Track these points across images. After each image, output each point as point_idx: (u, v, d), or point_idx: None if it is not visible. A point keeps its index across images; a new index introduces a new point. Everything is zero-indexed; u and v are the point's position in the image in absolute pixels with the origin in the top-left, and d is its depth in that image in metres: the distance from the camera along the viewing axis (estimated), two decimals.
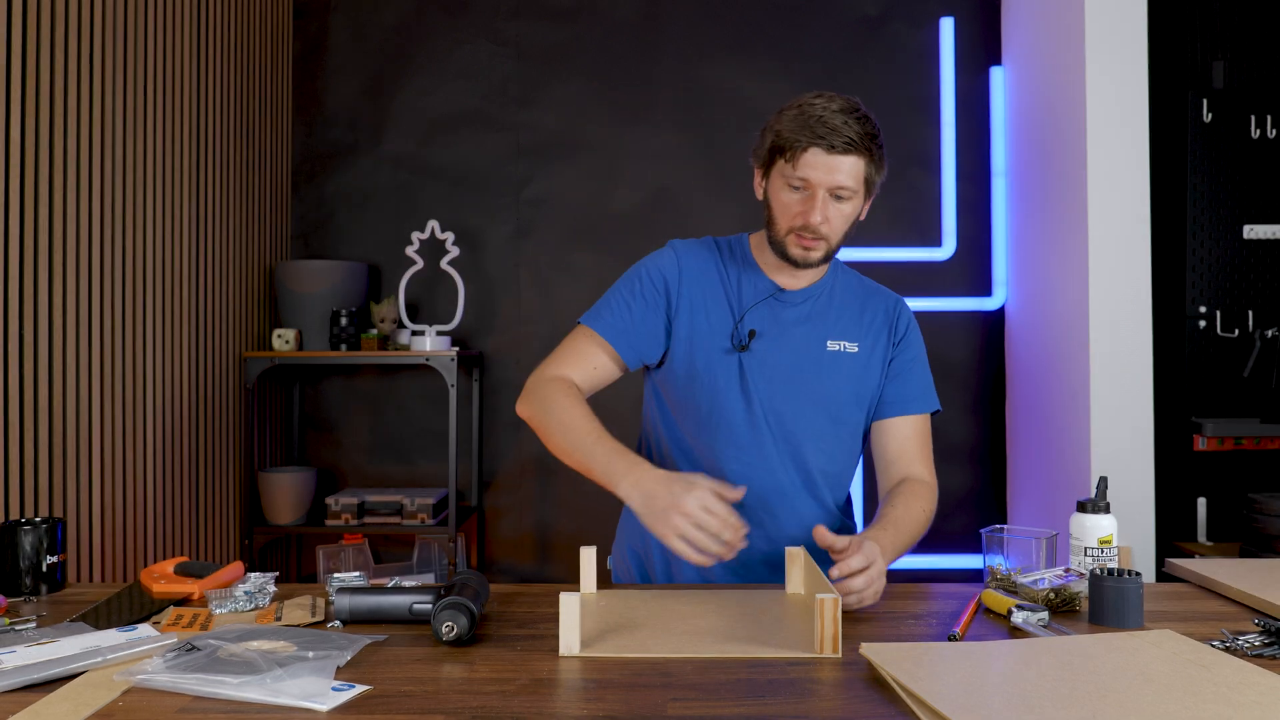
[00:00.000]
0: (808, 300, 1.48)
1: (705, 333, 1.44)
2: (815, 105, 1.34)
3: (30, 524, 1.29)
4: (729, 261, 1.49)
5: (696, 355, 1.44)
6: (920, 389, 1.51)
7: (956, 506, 3.07)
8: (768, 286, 1.47)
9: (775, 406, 1.43)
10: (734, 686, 0.93)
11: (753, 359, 1.43)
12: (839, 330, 1.47)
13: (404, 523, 2.80)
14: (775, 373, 1.43)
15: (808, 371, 1.44)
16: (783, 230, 1.39)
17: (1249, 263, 2.52)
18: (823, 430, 1.46)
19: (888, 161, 1.40)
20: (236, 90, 2.75)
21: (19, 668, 0.95)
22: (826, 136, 1.31)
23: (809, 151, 1.32)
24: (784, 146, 1.34)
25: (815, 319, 1.47)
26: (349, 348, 2.79)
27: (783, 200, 1.37)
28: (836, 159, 1.32)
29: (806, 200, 1.35)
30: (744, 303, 1.45)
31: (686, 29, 3.10)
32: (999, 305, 3.05)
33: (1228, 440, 2.46)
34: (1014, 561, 1.29)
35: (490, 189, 3.12)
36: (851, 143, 1.32)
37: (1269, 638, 1.05)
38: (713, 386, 1.43)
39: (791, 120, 1.34)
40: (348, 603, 1.13)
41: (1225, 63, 2.59)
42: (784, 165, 1.35)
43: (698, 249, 1.50)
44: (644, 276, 1.47)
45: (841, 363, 1.46)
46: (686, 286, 1.46)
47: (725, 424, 1.43)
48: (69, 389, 1.97)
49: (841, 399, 1.46)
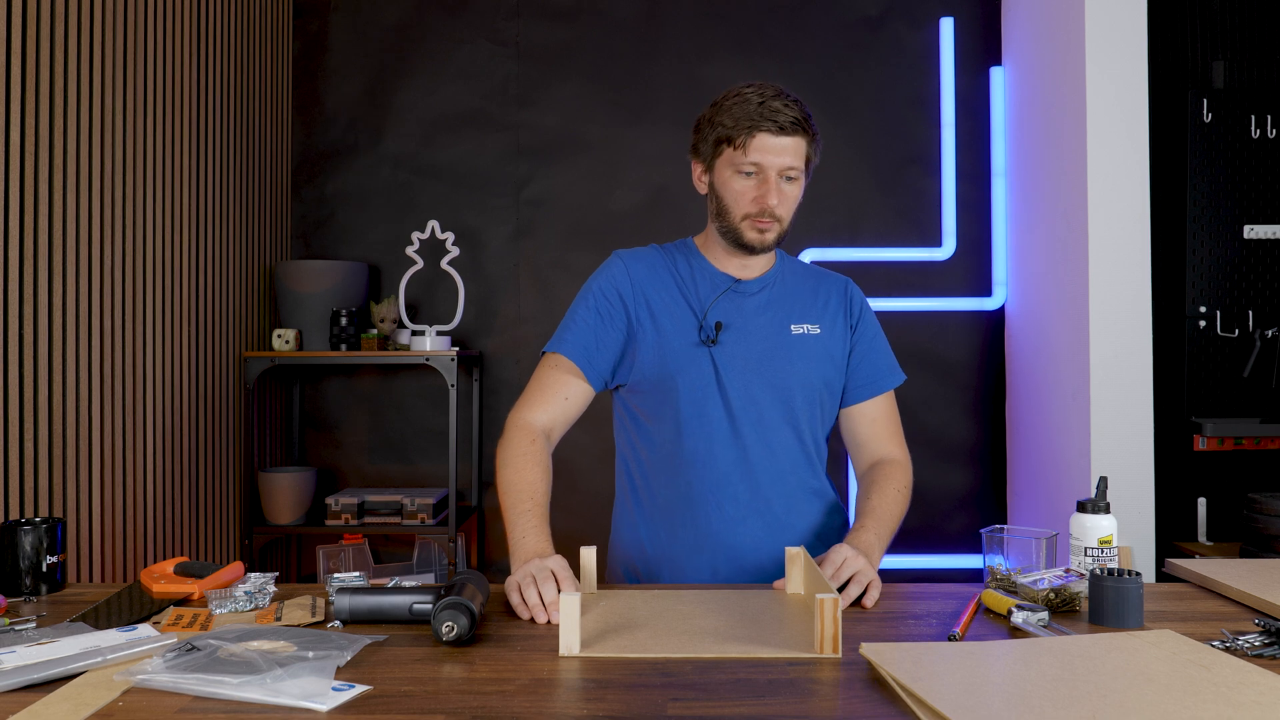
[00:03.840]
0: (764, 288, 1.50)
1: (671, 333, 1.45)
2: (751, 94, 1.38)
3: (30, 524, 1.29)
4: (679, 260, 1.52)
5: (667, 358, 1.45)
6: (884, 367, 1.55)
7: (956, 506, 3.07)
8: (724, 279, 1.49)
9: (752, 396, 1.45)
10: (734, 686, 0.93)
11: (723, 352, 1.45)
12: (799, 314, 1.50)
13: (404, 523, 2.80)
14: (746, 363, 1.45)
15: (778, 357, 1.46)
16: (737, 217, 1.42)
17: (1249, 263, 2.52)
18: (798, 413, 1.48)
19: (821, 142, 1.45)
20: (236, 90, 2.75)
21: (19, 668, 0.95)
22: (774, 119, 1.36)
23: (758, 136, 1.37)
24: (732, 136, 1.38)
25: (775, 305, 1.50)
26: (349, 348, 2.79)
27: (734, 188, 1.41)
28: (784, 140, 1.38)
29: (760, 184, 1.39)
30: (703, 297, 1.48)
31: (686, 29, 3.10)
32: (999, 305, 3.05)
33: (1228, 440, 2.47)
34: (1014, 561, 1.29)
35: (490, 189, 3.12)
36: (796, 123, 1.38)
37: (1269, 638, 1.05)
38: (688, 386, 1.44)
39: (734, 110, 1.38)
40: (348, 603, 1.13)
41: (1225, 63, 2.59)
42: (733, 153, 1.39)
43: (644, 254, 1.52)
44: (598, 293, 1.48)
45: (808, 344, 1.49)
46: (642, 293, 1.47)
47: (705, 422, 1.44)
48: (69, 389, 1.97)
49: (813, 380, 1.48)
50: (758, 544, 1.45)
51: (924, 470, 3.08)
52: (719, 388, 1.44)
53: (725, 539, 1.44)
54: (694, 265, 1.51)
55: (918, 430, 3.07)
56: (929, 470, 3.07)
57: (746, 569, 1.45)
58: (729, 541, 1.44)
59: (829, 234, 3.07)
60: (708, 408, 1.44)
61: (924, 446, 3.07)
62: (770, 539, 1.45)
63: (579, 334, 1.46)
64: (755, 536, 1.44)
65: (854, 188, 3.08)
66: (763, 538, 1.45)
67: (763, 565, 1.45)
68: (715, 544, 1.44)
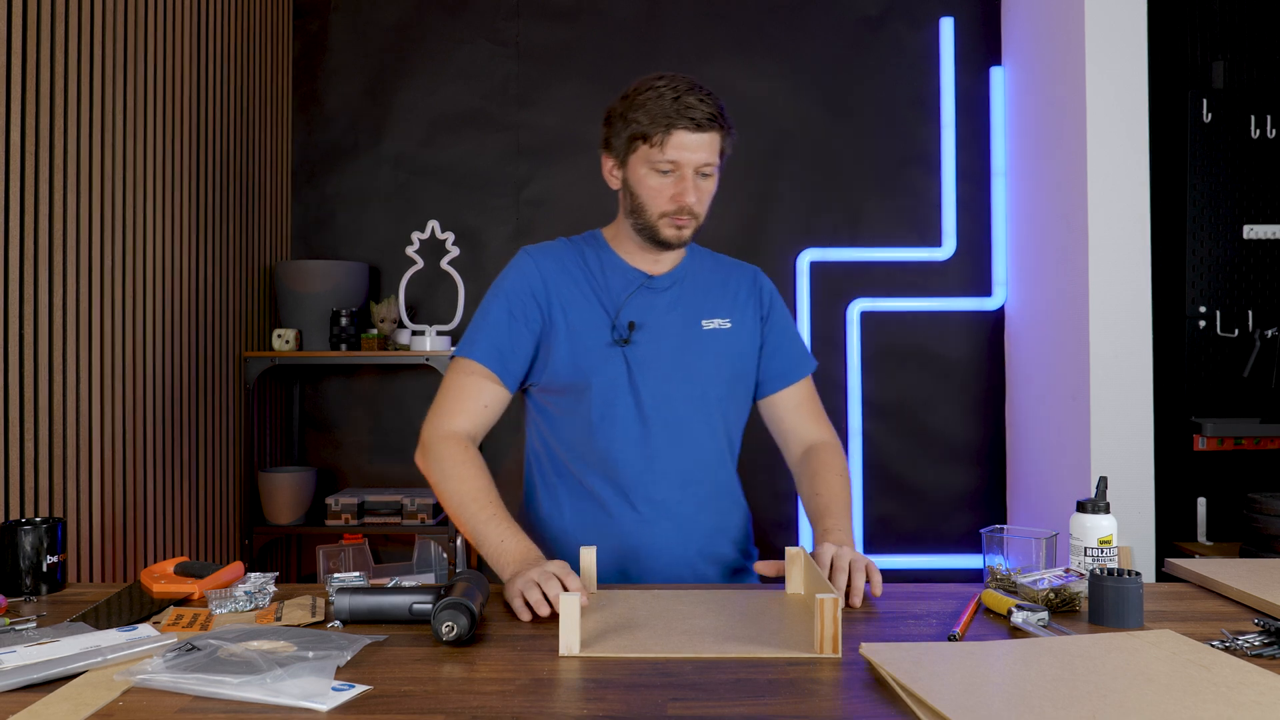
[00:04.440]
0: (675, 283, 1.49)
1: (583, 333, 1.43)
2: (665, 89, 1.35)
3: (30, 524, 1.29)
4: (590, 255, 1.49)
5: (580, 358, 1.42)
6: (797, 356, 1.55)
7: (956, 506, 3.07)
8: (635, 275, 1.47)
9: (665, 395, 1.43)
10: (734, 686, 0.93)
11: (635, 351, 1.43)
12: (710, 308, 1.49)
13: (404, 523, 2.80)
14: (659, 361, 1.43)
15: (690, 354, 1.45)
16: (654, 215, 1.40)
17: (1249, 263, 2.52)
18: (713, 410, 1.47)
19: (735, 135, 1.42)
20: (236, 90, 2.75)
21: (19, 668, 0.95)
22: (691, 115, 1.34)
23: (675, 134, 1.34)
24: (648, 133, 1.35)
25: (686, 300, 1.48)
26: (349, 348, 2.79)
27: (651, 185, 1.38)
28: (701, 136, 1.35)
29: (678, 182, 1.37)
30: (614, 294, 1.45)
31: (686, 29, 3.10)
32: (999, 305, 3.05)
33: (1228, 440, 2.47)
34: (1014, 561, 1.29)
35: (490, 189, 3.12)
36: (712, 119, 1.35)
37: (1269, 638, 1.05)
38: (601, 386, 1.42)
39: (649, 107, 1.35)
40: (348, 603, 1.13)
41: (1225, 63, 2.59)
42: (650, 151, 1.36)
43: (553, 249, 1.50)
44: (510, 292, 1.44)
45: (720, 339, 1.48)
46: (554, 289, 1.44)
47: (617, 423, 1.42)
48: (69, 389, 1.97)
49: (724, 375, 1.48)
50: (668, 545, 1.43)
51: (924, 470, 3.09)
52: (632, 388, 1.42)
53: (635, 540, 1.42)
54: (604, 261, 1.48)
55: (918, 430, 3.08)
56: (929, 470, 3.07)
57: (657, 570, 1.43)
58: (639, 543, 1.42)
59: (829, 234, 3.06)
60: (620, 408, 1.42)
61: (924, 446, 3.07)
62: (681, 540, 1.44)
63: (492, 337, 1.42)
64: (666, 538, 1.43)
65: (854, 188, 3.08)
66: (673, 539, 1.44)
67: (673, 566, 1.44)
68: (625, 545, 1.43)
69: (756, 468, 3.07)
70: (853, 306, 3.04)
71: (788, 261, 3.06)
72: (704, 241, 1.60)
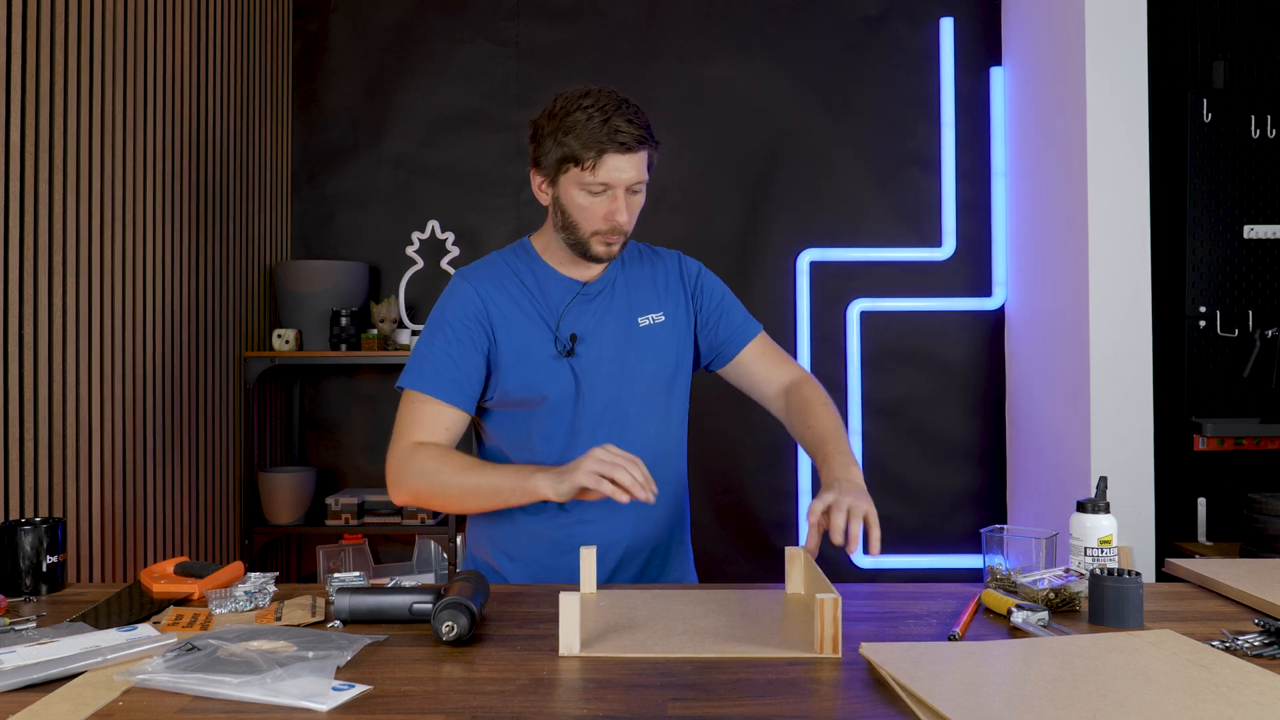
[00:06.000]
0: (607, 286, 1.51)
1: (527, 350, 1.44)
2: (593, 110, 1.35)
3: (30, 524, 1.29)
4: (523, 270, 1.49)
5: (529, 373, 1.43)
6: (741, 319, 1.58)
7: (956, 506, 3.07)
8: (570, 285, 1.49)
9: (611, 397, 1.46)
10: (734, 686, 0.93)
11: (580, 361, 1.45)
12: (643, 305, 1.51)
13: (404, 522, 2.80)
14: (602, 367, 1.46)
15: (630, 356, 1.47)
16: (586, 233, 1.41)
17: (1249, 263, 2.52)
18: (656, 407, 1.50)
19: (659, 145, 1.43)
20: (236, 90, 2.75)
21: (19, 668, 0.95)
22: (619, 139, 1.34)
23: (606, 158, 1.35)
24: (579, 157, 1.35)
25: (620, 302, 1.50)
26: (349, 348, 2.79)
27: (581, 205, 1.39)
28: (630, 157, 1.36)
29: (610, 202, 1.38)
30: (553, 306, 1.47)
31: (686, 29, 3.10)
32: (999, 305, 3.05)
33: (1228, 440, 2.47)
34: (1014, 561, 1.29)
35: (490, 189, 3.12)
36: (641, 140, 1.37)
37: (1269, 638, 1.05)
38: (553, 399, 1.43)
39: (579, 131, 1.35)
40: (348, 603, 1.13)
41: (1225, 63, 2.59)
42: (580, 173, 1.37)
43: (487, 270, 1.50)
44: (452, 320, 1.45)
45: (657, 334, 1.50)
46: (494, 311, 1.45)
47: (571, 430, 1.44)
48: (69, 389, 1.97)
49: (666, 371, 1.51)
50: (617, 540, 1.45)
51: (924, 470, 3.09)
52: (581, 396, 1.44)
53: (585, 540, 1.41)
54: (538, 273, 1.49)
55: (918, 430, 3.08)
56: (929, 470, 3.07)
57: (607, 564, 1.45)
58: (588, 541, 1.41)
59: (829, 234, 3.06)
60: (570, 418, 1.45)
61: (924, 446, 3.07)
62: (630, 533, 1.46)
63: (440, 367, 1.42)
64: (615, 533, 1.45)
65: (854, 188, 3.08)
66: (621, 534, 1.46)
67: (623, 559, 1.46)
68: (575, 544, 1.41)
69: (757, 468, 3.08)
70: (852, 306, 3.04)
71: (787, 261, 3.06)
72: (703, 241, 1.61)
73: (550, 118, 1.39)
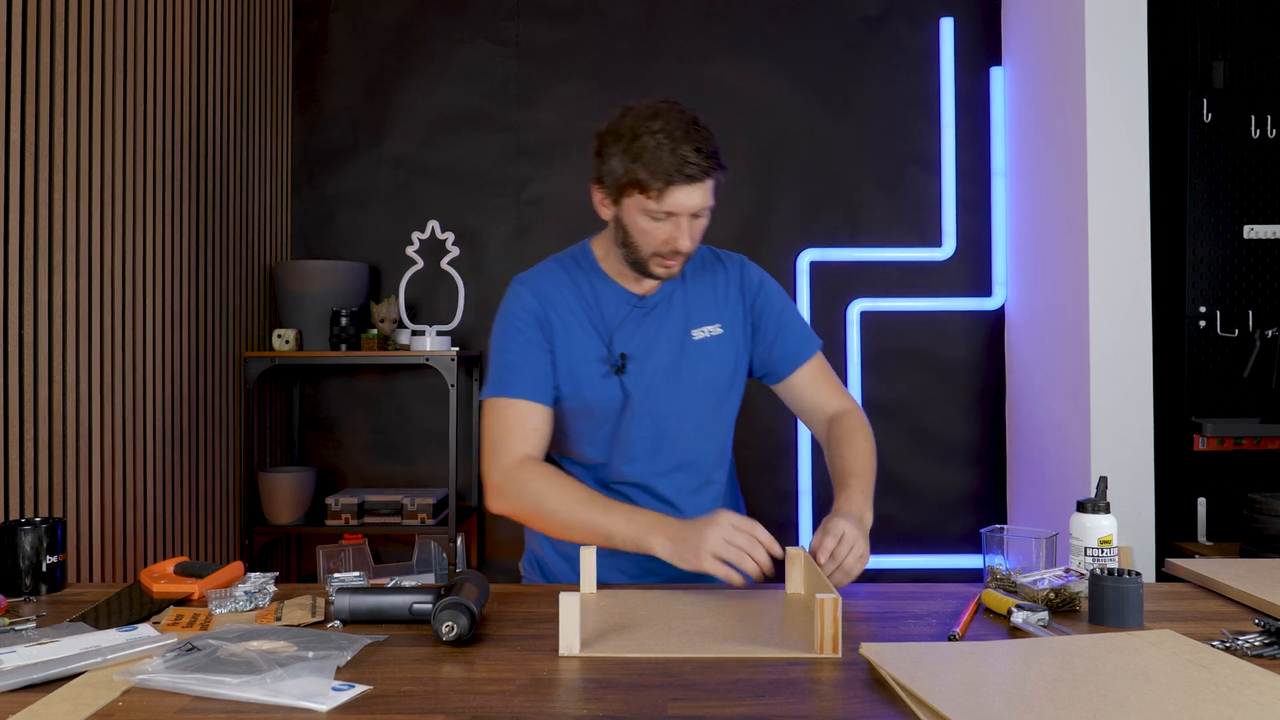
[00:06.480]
0: (664, 299, 1.49)
1: (581, 360, 1.45)
2: (662, 138, 1.31)
3: (30, 524, 1.29)
4: (581, 279, 1.49)
5: (580, 384, 1.45)
6: (800, 336, 1.55)
7: (956, 506, 3.07)
8: (627, 298, 1.48)
9: (661, 411, 1.46)
10: (734, 686, 0.93)
11: (631, 377, 1.45)
12: (700, 316, 1.50)
13: (404, 523, 2.80)
14: (654, 380, 1.46)
15: (683, 369, 1.47)
16: (646, 253, 1.39)
17: (1249, 263, 2.52)
18: (706, 418, 1.50)
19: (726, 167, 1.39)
20: (236, 90, 2.75)
21: (19, 668, 0.95)
22: (687, 171, 1.31)
23: (673, 189, 1.32)
24: (644, 185, 1.32)
25: (676, 314, 1.49)
26: (349, 348, 2.79)
27: (643, 227, 1.37)
28: (697, 186, 1.33)
29: (674, 227, 1.36)
30: (607, 320, 1.46)
31: (686, 29, 3.10)
32: (999, 305, 3.05)
33: (1228, 440, 2.47)
34: (1014, 561, 1.29)
35: (490, 189, 3.12)
36: (708, 170, 1.33)
37: (1269, 638, 1.05)
38: (599, 410, 1.45)
39: (646, 157, 1.31)
40: (348, 603, 1.13)
41: (1225, 63, 2.59)
42: (644, 199, 1.33)
43: (547, 277, 1.49)
44: (518, 325, 1.46)
45: (710, 348, 1.49)
46: (554, 318, 1.46)
47: (615, 442, 1.46)
48: (69, 389, 1.97)
49: (718, 383, 1.50)
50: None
51: (924, 470, 3.09)
52: (630, 411, 1.45)
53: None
54: (595, 283, 1.48)
55: (918, 430, 3.08)
56: (929, 470, 3.07)
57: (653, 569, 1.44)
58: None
59: (829, 234, 3.06)
60: (621, 430, 1.46)
61: (924, 446, 3.07)
62: None
63: (517, 370, 1.43)
64: None
65: (854, 188, 3.08)
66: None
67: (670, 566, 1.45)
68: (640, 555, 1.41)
69: (757, 468, 3.07)
70: (853, 306, 3.04)
71: (787, 261, 3.06)
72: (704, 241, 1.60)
73: (617, 138, 1.35)
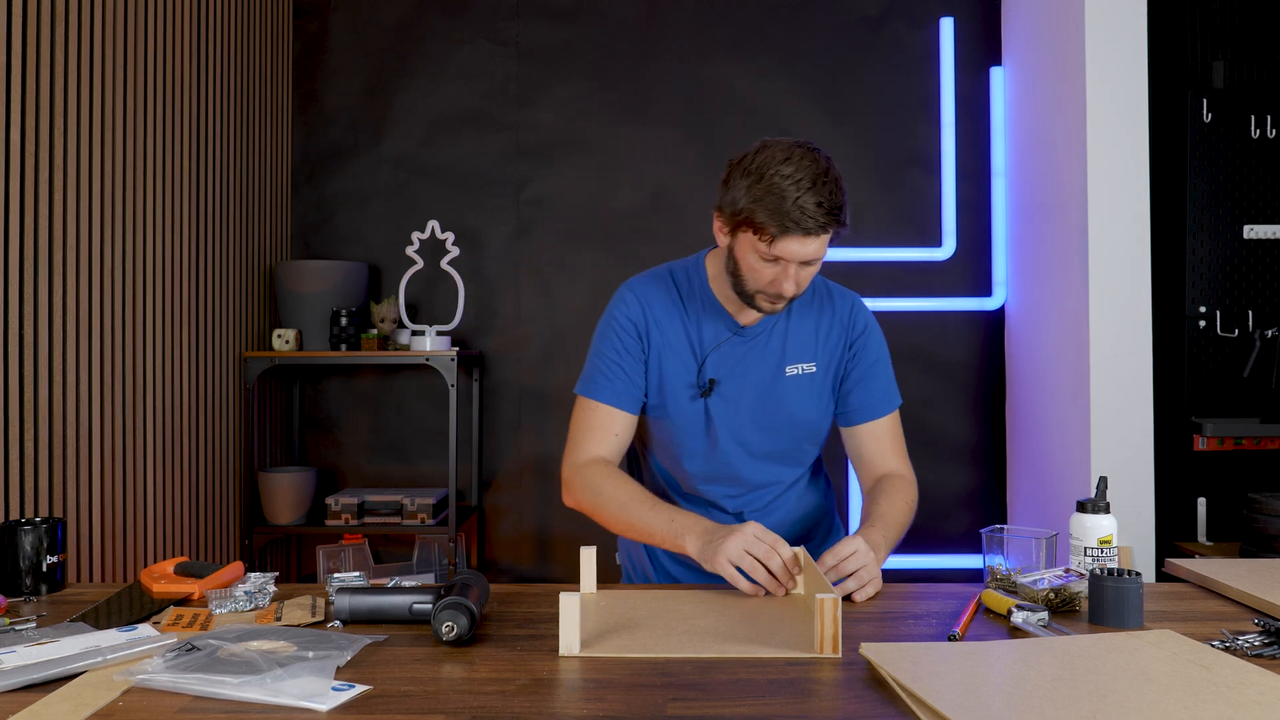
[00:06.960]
0: (766, 330, 1.49)
1: (671, 377, 1.47)
2: (787, 184, 1.28)
3: (30, 524, 1.29)
4: (688, 300, 1.50)
5: (667, 400, 1.47)
6: (883, 391, 1.53)
7: (956, 506, 3.07)
8: (728, 326, 1.48)
9: (743, 438, 1.48)
10: (734, 686, 0.93)
11: (715, 402, 1.47)
12: (796, 353, 1.49)
13: (404, 523, 2.80)
14: (738, 408, 1.47)
15: (770, 402, 1.48)
16: (751, 288, 1.38)
17: (1249, 263, 2.52)
18: (788, 449, 1.51)
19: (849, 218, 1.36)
20: (236, 90, 2.75)
21: (19, 668, 0.95)
22: (803, 224, 1.28)
23: (786, 238, 1.30)
24: (759, 226, 1.30)
25: (774, 348, 1.49)
26: (349, 348, 2.79)
27: (752, 264, 1.35)
28: (811, 239, 1.31)
29: (781, 272, 1.34)
30: (704, 344, 1.47)
31: (686, 29, 3.10)
32: (999, 305, 3.05)
33: (1228, 440, 2.46)
34: (1014, 561, 1.29)
35: (490, 189, 3.12)
36: (825, 225, 1.30)
37: (1269, 638, 1.05)
38: (681, 428, 1.48)
39: (765, 202, 1.29)
40: (348, 603, 1.13)
41: (1225, 63, 2.58)
42: (756, 240, 1.32)
43: (656, 288, 1.50)
44: (619, 330, 1.48)
45: (801, 385, 1.49)
46: (654, 331, 1.48)
47: (695, 460, 1.49)
48: (69, 389, 1.97)
49: (803, 418, 1.50)
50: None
51: (924, 470, 3.07)
52: (711, 434, 1.47)
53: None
54: (702, 301, 1.49)
55: (918, 430, 3.07)
56: (929, 470, 3.07)
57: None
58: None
59: None
60: (698, 449, 1.48)
61: (924, 446, 3.07)
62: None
63: (609, 375, 1.47)
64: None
65: (854, 188, 3.02)
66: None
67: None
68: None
69: None
70: None
71: None
72: (704, 241, 1.60)
73: (744, 173, 1.33)
